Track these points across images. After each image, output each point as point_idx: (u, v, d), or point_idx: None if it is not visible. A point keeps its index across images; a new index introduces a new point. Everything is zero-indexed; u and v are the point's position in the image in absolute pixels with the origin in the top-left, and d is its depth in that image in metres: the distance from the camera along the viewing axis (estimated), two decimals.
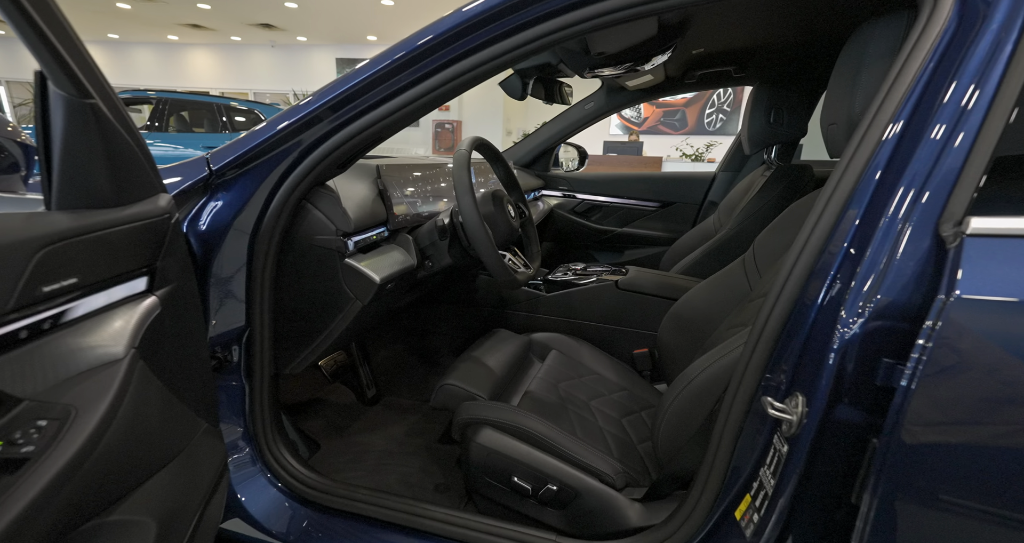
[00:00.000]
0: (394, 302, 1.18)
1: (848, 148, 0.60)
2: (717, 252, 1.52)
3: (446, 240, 1.11)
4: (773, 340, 0.63)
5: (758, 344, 0.64)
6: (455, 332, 1.61)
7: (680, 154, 7.12)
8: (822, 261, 0.59)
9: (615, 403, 1.18)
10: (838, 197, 0.59)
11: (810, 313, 0.59)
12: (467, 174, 1.00)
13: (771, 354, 0.63)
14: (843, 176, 0.59)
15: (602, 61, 1.31)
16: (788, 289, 0.62)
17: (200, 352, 0.73)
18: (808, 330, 0.59)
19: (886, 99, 0.58)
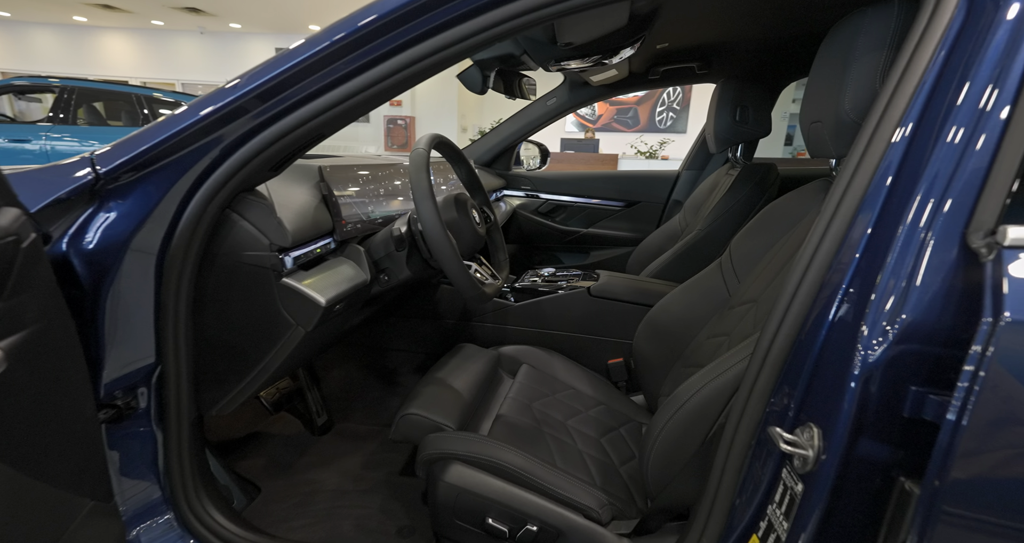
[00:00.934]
0: (345, 323, 1.04)
1: (855, 149, 0.53)
2: (688, 254, 1.47)
3: (404, 251, 0.98)
4: (780, 363, 0.56)
5: (763, 367, 0.57)
6: (415, 348, 1.48)
7: (635, 151, 7.22)
8: (832, 274, 0.52)
9: (593, 421, 1.09)
10: (848, 204, 0.52)
11: (821, 332, 0.52)
12: (426, 176, 0.88)
13: (778, 378, 0.56)
14: (852, 180, 0.52)
15: (569, 53, 1.21)
16: (796, 306, 0.54)
17: (78, 408, 0.57)
18: (820, 352, 0.52)
19: (895, 95, 0.51)
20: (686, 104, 8.87)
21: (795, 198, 0.96)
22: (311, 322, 0.79)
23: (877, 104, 0.52)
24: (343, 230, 0.95)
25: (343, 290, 0.86)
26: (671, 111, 9.00)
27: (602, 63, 1.28)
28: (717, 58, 1.59)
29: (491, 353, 1.24)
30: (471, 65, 1.33)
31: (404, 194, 1.20)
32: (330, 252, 0.93)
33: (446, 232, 0.87)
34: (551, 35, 1.09)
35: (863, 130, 0.53)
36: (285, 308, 0.79)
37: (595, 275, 1.46)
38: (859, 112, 0.67)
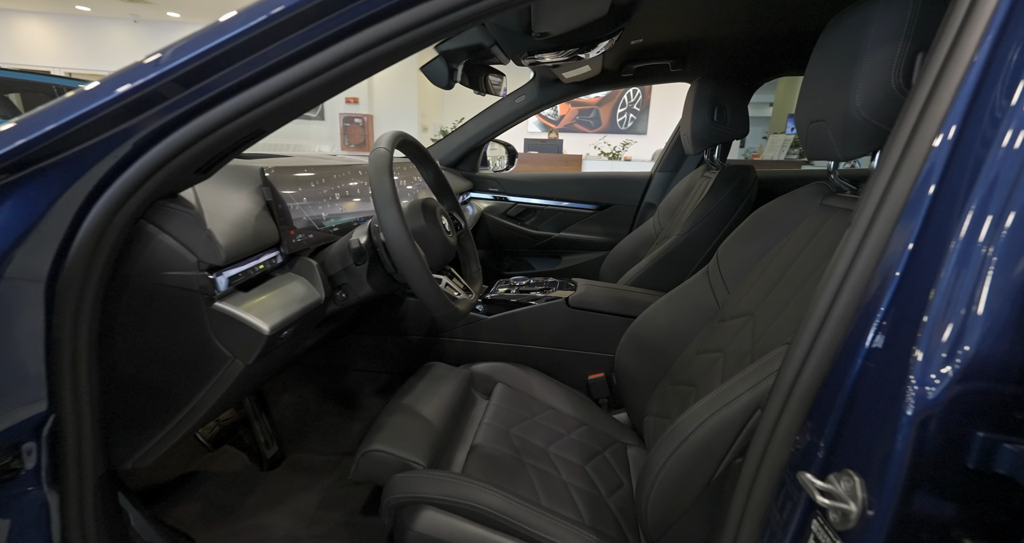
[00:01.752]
0: (296, 347, 0.91)
1: (888, 153, 0.46)
2: (668, 260, 1.41)
3: (364, 264, 0.85)
4: (809, 397, 0.48)
5: (788, 401, 0.49)
6: (379, 367, 1.35)
7: (599, 152, 7.25)
8: (871, 296, 0.45)
9: (576, 445, 1.01)
10: (887, 213, 0.44)
11: (859, 363, 0.44)
12: (389, 180, 0.76)
13: (806, 415, 0.48)
14: (891, 186, 0.45)
15: (543, 45, 1.12)
16: (827, 332, 0.47)
17: None
18: (859, 387, 0.44)
19: (936, 90, 0.44)
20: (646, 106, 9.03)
21: (788, 203, 0.90)
22: (252, 354, 0.66)
23: (913, 101, 0.45)
24: (292, 242, 0.81)
25: (292, 313, 0.72)
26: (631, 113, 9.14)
27: (577, 57, 1.19)
28: (692, 56, 1.54)
29: (463, 372, 1.13)
30: (436, 57, 1.22)
31: (363, 199, 1.07)
32: (276, 268, 0.79)
33: (413, 243, 0.76)
34: (525, 24, 0.99)
35: (897, 131, 0.46)
36: (219, 338, 0.65)
37: (572, 284, 1.38)
38: (871, 110, 0.61)
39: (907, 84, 0.58)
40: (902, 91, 0.59)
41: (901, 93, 0.59)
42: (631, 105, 9.14)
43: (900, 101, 0.59)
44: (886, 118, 0.61)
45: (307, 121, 8.08)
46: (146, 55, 0.55)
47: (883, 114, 0.61)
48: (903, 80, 0.58)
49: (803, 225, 0.84)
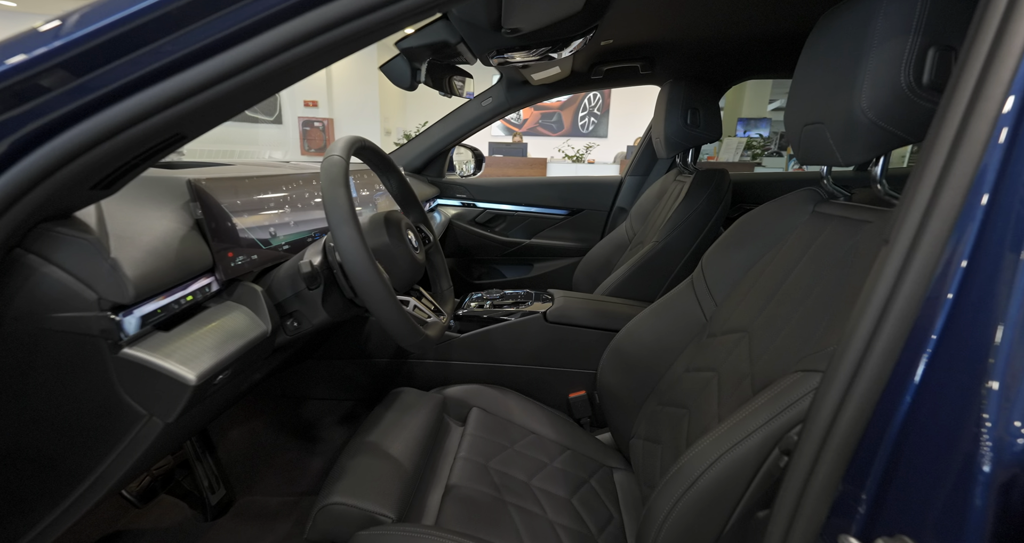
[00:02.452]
0: (241, 385, 0.78)
1: (931, 157, 0.40)
2: (646, 268, 1.36)
3: (318, 288, 0.74)
4: (849, 446, 0.41)
5: (823, 450, 0.43)
6: (340, 394, 1.23)
7: (563, 155, 7.27)
8: (923, 325, 0.39)
9: (560, 475, 0.93)
10: (935, 229, 0.38)
11: (909, 406, 0.38)
12: (345, 192, 0.66)
13: (847, 467, 0.42)
14: (937, 197, 0.39)
15: (513, 43, 1.04)
16: (869, 370, 0.40)
17: None
18: (912, 434, 0.38)
19: (983, 87, 0.39)
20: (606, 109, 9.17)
21: (776, 210, 0.86)
22: (174, 409, 0.54)
23: (953, 100, 0.40)
24: (229, 266, 0.70)
25: (229, 353, 0.61)
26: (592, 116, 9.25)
27: (549, 57, 1.12)
28: (660, 58, 1.51)
29: (434, 397, 1.03)
30: (397, 55, 1.12)
31: (318, 211, 0.96)
32: (211, 297, 0.67)
33: (374, 264, 0.66)
34: (494, 20, 0.91)
35: (937, 134, 0.40)
36: (129, 392, 0.53)
37: (548, 296, 1.30)
38: (878, 111, 0.56)
39: (918, 82, 0.54)
40: (912, 90, 0.54)
41: (912, 92, 0.54)
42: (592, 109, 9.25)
43: (910, 101, 0.54)
44: (894, 120, 0.56)
45: (255, 124, 7.59)
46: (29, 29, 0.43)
47: (891, 116, 0.56)
48: (914, 78, 0.54)
49: (795, 234, 0.80)
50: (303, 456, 1.17)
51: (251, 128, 7.52)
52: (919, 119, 0.55)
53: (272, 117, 7.76)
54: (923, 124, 0.56)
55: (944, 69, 0.53)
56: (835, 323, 0.59)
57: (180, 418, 0.56)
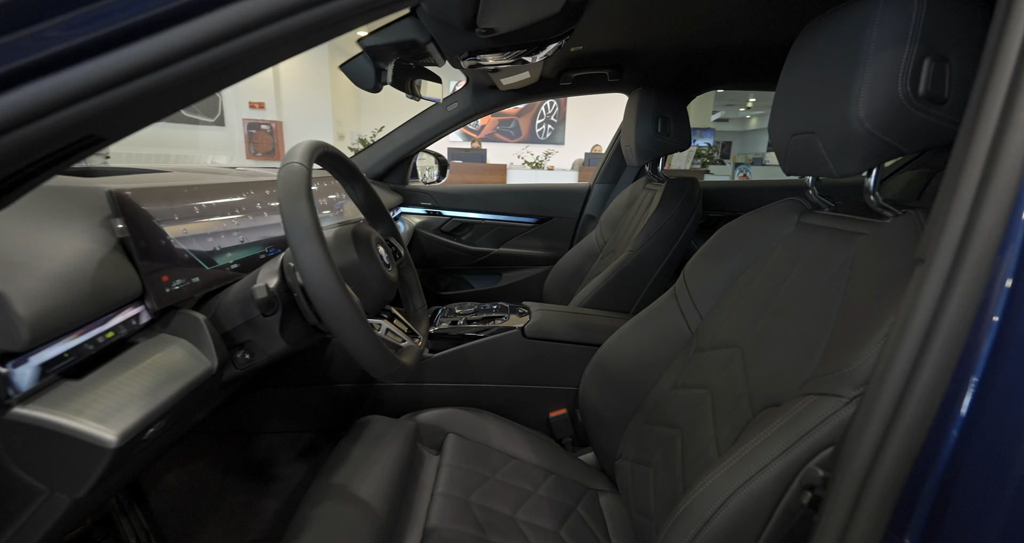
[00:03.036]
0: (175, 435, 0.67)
1: (966, 168, 0.37)
2: (622, 278, 1.33)
3: (275, 314, 0.65)
4: (894, 490, 0.38)
5: (864, 494, 0.39)
6: (298, 426, 1.11)
7: (522, 162, 7.29)
8: (968, 351, 0.36)
9: (546, 504, 0.87)
10: (980, 244, 0.35)
11: (951, 435, 0.35)
12: (307, 205, 0.57)
13: (893, 512, 0.38)
14: (979, 211, 0.36)
15: (486, 44, 0.98)
16: (915, 403, 0.37)
17: None
18: (968, 476, 0.34)
19: (1018, 92, 0.36)
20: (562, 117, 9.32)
21: (760, 220, 0.84)
22: (85, 480, 0.43)
23: (984, 113, 0.37)
24: (164, 292, 0.59)
25: (164, 399, 0.51)
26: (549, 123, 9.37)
27: (522, 60, 1.07)
28: (629, 66, 1.50)
29: (406, 425, 0.95)
30: (359, 54, 1.03)
31: (271, 225, 0.86)
32: (140, 331, 0.56)
33: (344, 287, 0.57)
34: (468, 19, 0.85)
35: (969, 149, 0.37)
36: (20, 463, 0.42)
37: (523, 309, 1.25)
38: (876, 121, 0.54)
39: (914, 93, 0.52)
40: (909, 101, 0.52)
41: (908, 103, 0.53)
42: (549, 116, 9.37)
43: (906, 111, 0.53)
44: (891, 130, 0.54)
45: (194, 126, 6.98)
46: None
47: (888, 126, 0.54)
48: (911, 88, 0.52)
49: (782, 245, 0.78)
50: (255, 498, 1.04)
51: (189, 130, 6.87)
52: (914, 129, 0.54)
53: (213, 119, 7.21)
54: (917, 135, 0.55)
55: (940, 80, 0.52)
56: (839, 340, 0.56)
57: (89, 494, 0.45)
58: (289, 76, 7.71)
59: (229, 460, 1.10)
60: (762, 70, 1.50)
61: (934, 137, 0.55)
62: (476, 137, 8.71)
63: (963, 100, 0.53)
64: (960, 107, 0.53)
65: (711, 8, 1.02)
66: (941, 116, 0.53)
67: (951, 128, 0.54)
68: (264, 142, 7.51)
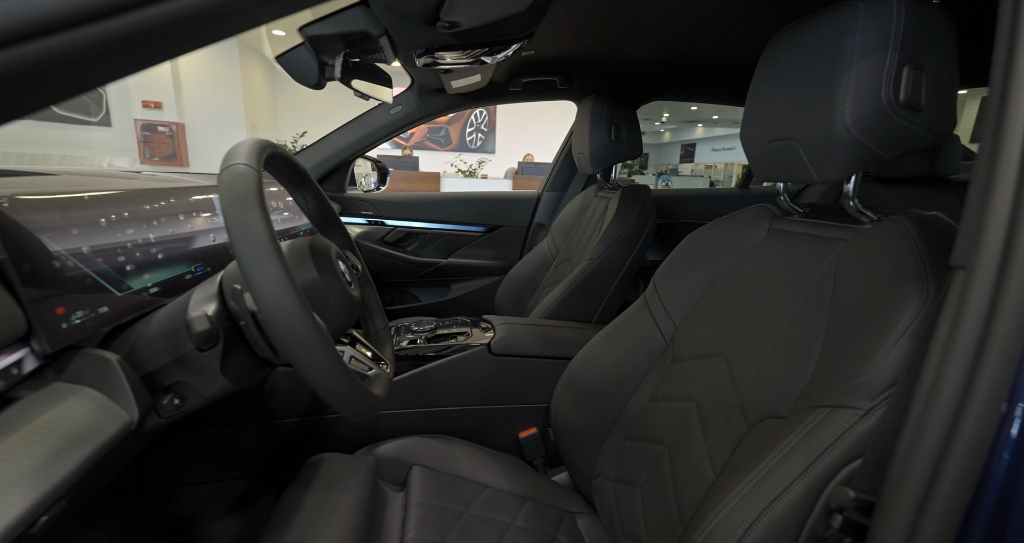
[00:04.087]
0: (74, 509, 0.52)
1: (1000, 168, 0.35)
2: (583, 287, 1.30)
3: (215, 347, 0.53)
4: (955, 524, 0.35)
5: (921, 524, 0.36)
6: (232, 474, 0.94)
7: (456, 170, 7.21)
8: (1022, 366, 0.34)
9: (526, 536, 0.80)
10: (1020, 256, 0.35)
11: (1003, 457, 0.33)
12: (261, 215, 0.46)
13: (959, 537, 0.36)
14: (1020, 210, 0.35)
15: (445, 39, 0.91)
16: (972, 422, 0.35)
17: None
18: (1015, 496, 0.33)
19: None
20: (492, 126, 9.39)
21: (729, 227, 0.84)
22: None
23: (1010, 107, 0.36)
24: (59, 327, 0.45)
25: (62, 476, 0.38)
26: (480, 132, 9.40)
27: (481, 61, 1.01)
28: (579, 74, 1.50)
29: (365, 461, 0.84)
30: (300, 45, 0.91)
31: (195, 237, 0.72)
32: (23, 381, 0.43)
33: (310, 314, 0.47)
34: (430, 11, 0.77)
35: (1001, 147, 0.36)
36: None
37: (485, 324, 1.18)
38: (861, 127, 0.55)
39: (896, 99, 0.54)
40: (892, 107, 0.54)
41: (891, 109, 0.54)
42: (479, 125, 9.39)
43: (888, 117, 0.54)
44: (874, 136, 0.55)
45: (71, 126, 5.84)
46: None
47: (872, 132, 0.55)
48: (893, 95, 0.54)
49: (756, 251, 0.78)
50: None
51: (65, 130, 5.78)
52: (894, 136, 0.55)
53: (96, 118, 6.22)
54: (896, 141, 0.56)
55: (918, 87, 0.54)
56: (839, 348, 0.56)
57: None
58: (192, 74, 7.02)
59: (138, 524, 0.90)
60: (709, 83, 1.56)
61: (910, 144, 0.57)
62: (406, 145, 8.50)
63: (937, 108, 0.56)
64: (934, 115, 0.55)
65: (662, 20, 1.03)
66: (918, 123, 0.55)
67: (925, 136, 0.56)
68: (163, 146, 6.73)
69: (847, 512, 0.44)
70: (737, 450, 0.63)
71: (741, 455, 0.62)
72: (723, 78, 1.50)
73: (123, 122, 6.43)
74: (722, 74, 1.46)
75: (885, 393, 0.47)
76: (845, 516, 0.44)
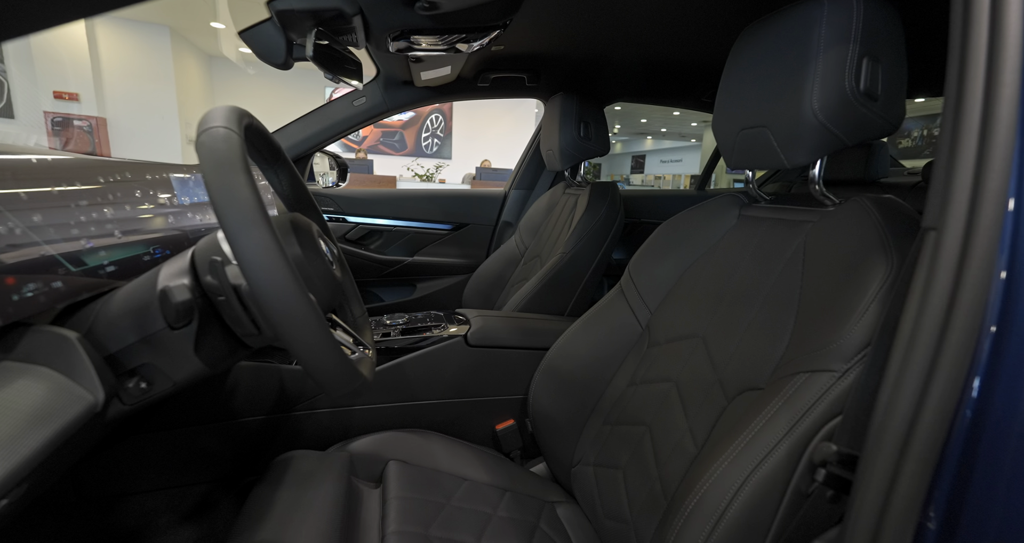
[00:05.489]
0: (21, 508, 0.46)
1: (962, 137, 0.39)
2: (556, 281, 1.31)
3: (190, 324, 0.48)
4: (930, 469, 0.38)
5: (903, 464, 0.39)
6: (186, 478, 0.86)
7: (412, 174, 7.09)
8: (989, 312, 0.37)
9: (509, 525, 0.79)
10: (991, 210, 0.38)
11: (972, 395, 0.36)
12: (248, 180, 0.43)
13: (933, 479, 0.39)
14: (982, 174, 0.38)
15: (421, 23, 0.90)
16: (947, 365, 0.38)
17: None
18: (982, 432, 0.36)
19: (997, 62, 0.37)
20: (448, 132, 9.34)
21: (701, 215, 0.88)
22: None
23: (968, 79, 0.39)
24: (8, 300, 0.40)
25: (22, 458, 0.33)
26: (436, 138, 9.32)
27: (456, 49, 1.01)
28: (546, 71, 1.52)
29: (338, 457, 0.80)
30: (266, 20, 0.86)
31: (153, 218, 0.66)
32: None
33: (301, 283, 0.44)
34: None
35: (961, 116, 0.39)
36: None
37: (460, 316, 1.16)
38: (828, 113, 0.59)
39: (858, 88, 0.58)
40: (854, 95, 0.58)
41: (853, 96, 0.58)
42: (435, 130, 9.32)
43: (851, 105, 0.58)
44: (839, 122, 0.59)
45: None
46: None
47: (837, 118, 0.59)
48: (855, 83, 0.58)
49: (727, 237, 0.82)
50: None
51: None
52: (855, 122, 0.60)
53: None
54: (857, 128, 0.61)
55: (875, 78, 0.59)
56: (812, 320, 0.59)
57: None
58: (115, 64, 6.51)
59: (74, 541, 0.81)
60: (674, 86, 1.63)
61: (868, 130, 0.61)
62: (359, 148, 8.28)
63: (890, 98, 0.61)
64: (888, 104, 0.60)
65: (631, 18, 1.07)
66: (875, 111, 0.60)
67: (881, 124, 0.61)
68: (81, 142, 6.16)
69: (830, 466, 0.46)
70: (718, 423, 0.65)
71: (723, 426, 0.64)
72: (689, 82, 1.58)
73: (30, 114, 5.76)
74: (688, 77, 1.53)
75: (859, 355, 0.50)
76: (828, 470, 0.46)
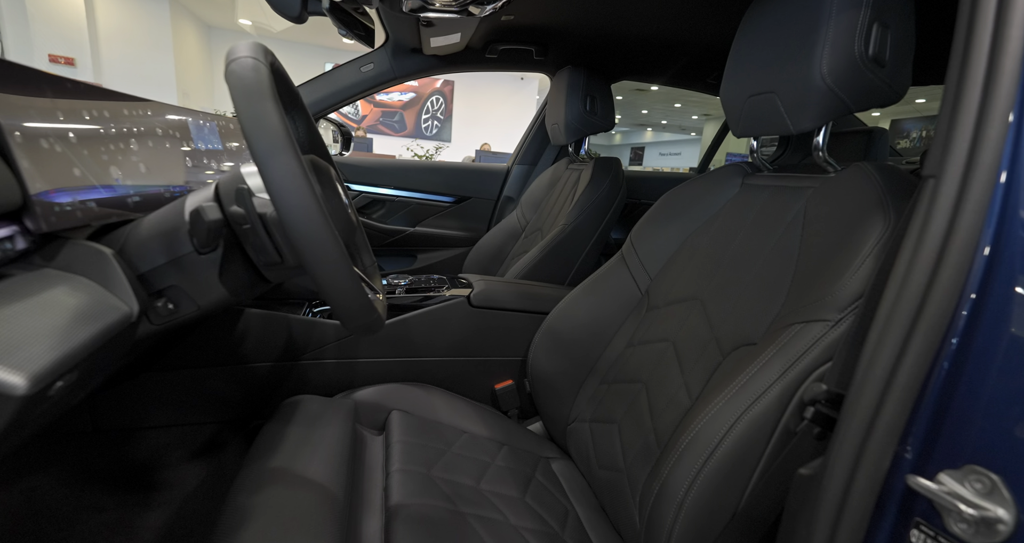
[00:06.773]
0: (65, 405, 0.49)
1: (966, 92, 0.41)
2: (557, 251, 1.34)
3: (214, 252, 0.51)
4: (912, 391, 0.40)
5: (886, 397, 0.41)
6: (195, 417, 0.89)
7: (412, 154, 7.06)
8: (979, 254, 0.39)
9: (506, 474, 0.83)
10: (988, 158, 0.39)
11: (980, 347, 0.37)
12: (276, 108, 0.45)
13: (911, 417, 0.40)
14: (983, 124, 0.39)
15: None
16: (936, 302, 0.39)
17: None
18: (986, 373, 0.38)
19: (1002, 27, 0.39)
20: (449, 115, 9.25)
21: (704, 184, 0.91)
22: None
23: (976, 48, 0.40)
24: (52, 210, 0.42)
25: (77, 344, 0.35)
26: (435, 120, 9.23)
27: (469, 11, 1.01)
28: (555, 45, 1.52)
29: (344, 404, 0.83)
30: None
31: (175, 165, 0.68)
32: (15, 260, 0.39)
33: (324, 211, 0.47)
34: None
35: (966, 75, 0.41)
36: None
37: (463, 280, 1.18)
38: (836, 77, 0.61)
39: (866, 53, 0.59)
40: (863, 60, 0.60)
41: (862, 62, 0.60)
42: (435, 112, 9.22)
43: (859, 70, 0.60)
44: (847, 87, 0.61)
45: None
46: None
47: (845, 83, 0.61)
48: (864, 48, 0.59)
49: (729, 205, 0.84)
50: (129, 514, 0.80)
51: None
52: (862, 88, 0.61)
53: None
54: (864, 94, 0.62)
55: (883, 44, 0.60)
56: (808, 276, 0.62)
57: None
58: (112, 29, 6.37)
59: (89, 468, 0.84)
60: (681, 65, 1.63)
61: (874, 97, 0.63)
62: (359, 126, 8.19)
63: (897, 66, 0.63)
64: (894, 72, 0.63)
65: None
66: (882, 78, 0.62)
67: (887, 91, 0.63)
68: None
69: (819, 405, 0.49)
70: (712, 377, 0.68)
71: (717, 378, 0.67)
72: (696, 61, 1.59)
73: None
74: (696, 57, 1.54)
75: (853, 305, 0.53)
76: (817, 408, 0.49)
